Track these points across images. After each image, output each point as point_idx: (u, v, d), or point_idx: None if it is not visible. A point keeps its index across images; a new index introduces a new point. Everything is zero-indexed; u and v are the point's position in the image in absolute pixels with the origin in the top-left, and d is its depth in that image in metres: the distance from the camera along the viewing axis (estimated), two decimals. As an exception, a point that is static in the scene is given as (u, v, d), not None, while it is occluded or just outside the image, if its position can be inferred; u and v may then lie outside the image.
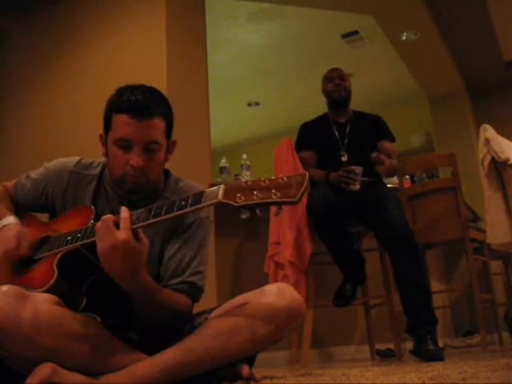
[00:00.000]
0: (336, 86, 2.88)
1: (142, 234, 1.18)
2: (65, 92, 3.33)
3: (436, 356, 2.18)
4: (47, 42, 3.50)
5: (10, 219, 1.42)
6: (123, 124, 1.34)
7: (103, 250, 1.16)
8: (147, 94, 1.39)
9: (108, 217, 1.18)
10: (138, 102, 1.34)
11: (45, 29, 3.53)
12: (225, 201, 1.07)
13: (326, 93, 2.94)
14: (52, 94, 3.39)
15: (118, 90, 1.42)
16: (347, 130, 2.83)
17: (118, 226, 1.17)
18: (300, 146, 2.88)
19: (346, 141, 2.80)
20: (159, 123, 1.37)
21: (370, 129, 2.86)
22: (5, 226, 1.39)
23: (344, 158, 2.75)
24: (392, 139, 2.84)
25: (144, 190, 1.39)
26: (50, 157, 1.59)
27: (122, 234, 1.14)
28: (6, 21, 3.66)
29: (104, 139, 1.43)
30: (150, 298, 1.25)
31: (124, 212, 1.18)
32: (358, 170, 2.54)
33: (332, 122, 2.89)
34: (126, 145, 1.35)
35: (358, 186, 2.53)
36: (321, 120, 2.95)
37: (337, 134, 2.84)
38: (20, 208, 1.53)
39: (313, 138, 2.87)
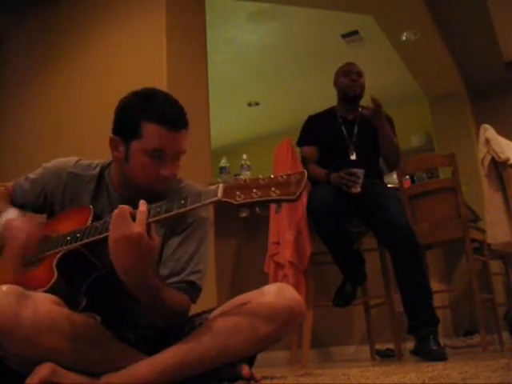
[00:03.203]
0: (353, 82, 2.81)
1: (154, 233, 1.17)
2: (65, 92, 3.33)
3: (439, 356, 2.17)
4: (47, 43, 3.50)
5: (11, 212, 1.42)
6: (159, 135, 1.32)
7: (115, 239, 1.14)
8: (177, 104, 1.39)
9: (125, 207, 1.16)
10: (173, 114, 1.35)
11: (45, 29, 3.53)
12: (224, 199, 1.08)
13: (341, 87, 2.85)
14: (52, 94, 3.39)
15: (143, 95, 1.39)
16: (355, 129, 2.80)
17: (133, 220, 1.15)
18: (303, 139, 2.83)
19: (355, 140, 2.77)
20: (186, 134, 1.39)
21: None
22: (8, 219, 1.39)
23: (353, 157, 2.71)
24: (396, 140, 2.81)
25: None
26: (49, 157, 1.59)
27: (138, 227, 1.13)
28: (6, 21, 3.66)
29: (121, 143, 1.38)
30: (152, 297, 1.24)
31: (142, 205, 1.17)
32: (360, 172, 2.52)
33: (340, 118, 2.84)
34: (158, 155, 1.34)
35: (358, 189, 2.51)
36: (328, 114, 2.90)
37: (345, 131, 2.80)
38: (18, 209, 1.53)
39: (319, 132, 2.82)
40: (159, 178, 1.35)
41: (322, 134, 2.82)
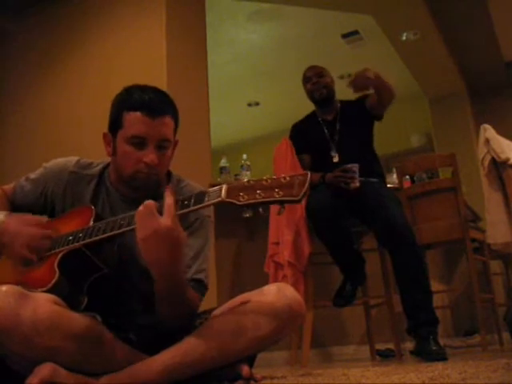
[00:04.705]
0: (314, 85, 2.85)
1: (179, 225, 1.16)
2: (64, 92, 3.33)
3: (439, 356, 2.17)
4: (47, 43, 3.50)
5: (2, 214, 1.41)
6: (137, 121, 1.35)
7: (145, 237, 1.13)
8: (157, 93, 1.41)
9: (151, 202, 1.15)
10: (151, 101, 1.36)
11: (45, 29, 3.53)
12: (228, 200, 1.08)
13: (307, 93, 2.92)
14: (52, 94, 3.39)
15: (125, 89, 1.43)
16: (337, 128, 2.80)
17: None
18: (296, 149, 2.82)
19: (337, 139, 2.77)
20: (170, 121, 1.39)
21: (359, 113, 2.79)
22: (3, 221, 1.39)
23: (335, 159, 2.72)
24: None
25: (152, 187, 1.39)
26: (49, 157, 1.59)
27: (167, 221, 1.12)
28: (6, 21, 3.66)
29: (110, 138, 1.42)
30: (178, 291, 1.24)
31: (168, 198, 1.15)
32: (355, 167, 2.54)
33: (321, 120, 2.86)
34: (138, 142, 1.35)
35: (357, 184, 2.52)
36: (310, 119, 2.93)
37: (327, 132, 2.80)
38: (19, 210, 1.53)
39: (305, 139, 2.85)
40: (141, 165, 1.35)
41: (307, 141, 2.84)
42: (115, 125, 1.40)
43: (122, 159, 1.39)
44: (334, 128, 2.81)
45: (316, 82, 2.85)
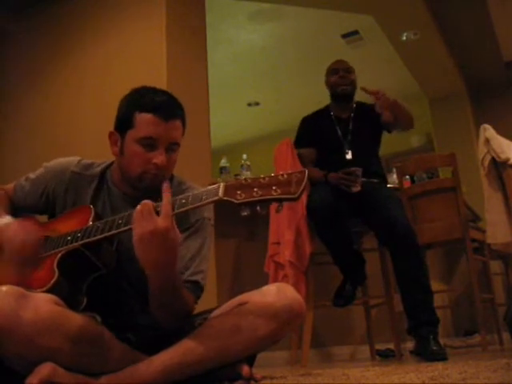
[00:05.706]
0: (341, 79, 2.80)
1: (175, 226, 1.16)
2: (65, 92, 3.33)
3: (439, 356, 2.17)
4: (47, 43, 3.50)
5: (6, 219, 1.42)
6: (150, 123, 1.36)
7: (141, 236, 1.14)
8: (169, 96, 1.43)
9: (148, 202, 1.16)
10: (165, 104, 1.38)
11: (45, 29, 3.53)
12: (225, 198, 1.08)
13: (330, 85, 2.85)
14: (52, 94, 3.38)
15: (136, 89, 1.44)
16: (350, 127, 2.79)
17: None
18: (300, 141, 2.82)
19: (350, 138, 2.76)
20: (180, 125, 1.41)
21: (373, 119, 2.78)
22: (4, 223, 1.39)
23: (348, 156, 2.71)
24: None
25: (157, 189, 1.40)
26: (49, 158, 1.59)
27: (165, 221, 1.13)
28: (6, 21, 3.66)
29: (118, 137, 1.42)
30: (171, 292, 1.23)
31: (166, 197, 1.16)
32: (359, 171, 2.54)
33: (334, 117, 2.84)
34: (149, 143, 1.36)
35: (359, 188, 2.53)
36: (322, 115, 2.89)
37: (339, 131, 2.79)
38: (19, 210, 1.53)
39: (314, 134, 2.82)
40: (150, 166, 1.36)
41: (316, 135, 2.82)
42: (125, 124, 1.40)
43: (131, 159, 1.39)
44: (347, 126, 2.79)
45: (343, 75, 2.80)
